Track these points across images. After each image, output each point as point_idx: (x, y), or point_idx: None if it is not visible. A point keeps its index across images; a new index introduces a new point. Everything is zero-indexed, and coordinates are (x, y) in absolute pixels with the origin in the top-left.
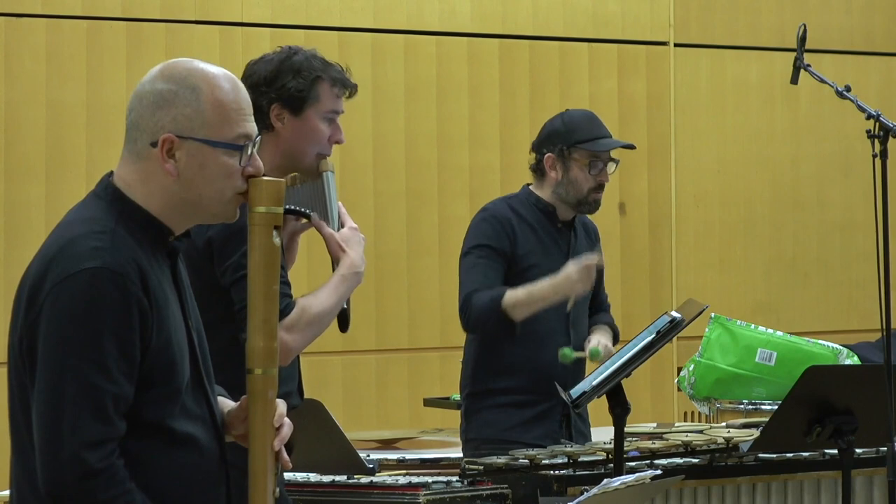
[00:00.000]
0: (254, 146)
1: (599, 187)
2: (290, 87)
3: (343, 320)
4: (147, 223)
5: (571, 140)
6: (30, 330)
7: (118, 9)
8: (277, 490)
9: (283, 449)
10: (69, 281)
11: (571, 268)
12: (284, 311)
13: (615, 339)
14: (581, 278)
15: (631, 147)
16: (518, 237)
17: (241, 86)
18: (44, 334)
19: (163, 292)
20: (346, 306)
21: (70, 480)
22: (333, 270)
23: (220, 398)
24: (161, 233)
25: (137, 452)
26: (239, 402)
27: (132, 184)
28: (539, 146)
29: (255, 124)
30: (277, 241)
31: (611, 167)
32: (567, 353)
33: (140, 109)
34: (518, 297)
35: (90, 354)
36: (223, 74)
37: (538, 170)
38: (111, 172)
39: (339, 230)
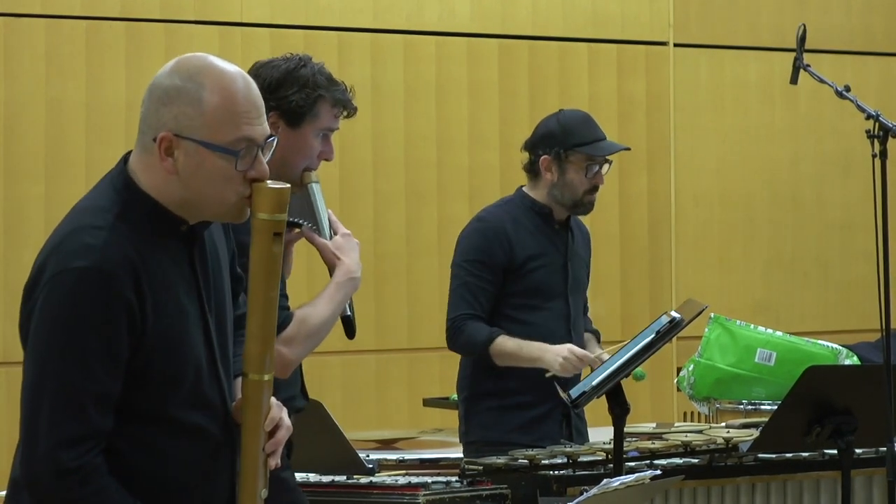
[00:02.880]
0: (259, 149)
1: (594, 189)
2: (292, 99)
3: (349, 328)
4: (155, 212)
5: (568, 143)
6: (27, 318)
7: (117, 9)
8: (265, 491)
9: (276, 452)
10: (59, 278)
11: (568, 352)
12: (283, 324)
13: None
14: (571, 367)
15: (627, 150)
16: (515, 245)
17: (254, 88)
18: (33, 329)
19: (167, 283)
20: (350, 313)
21: (45, 477)
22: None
23: (240, 379)
24: (170, 222)
25: (139, 439)
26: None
27: (141, 173)
28: (534, 147)
29: (265, 127)
30: (278, 248)
31: (605, 168)
32: (639, 373)
33: (149, 103)
34: (507, 349)
35: (71, 353)
36: (236, 74)
37: (532, 170)
38: (129, 154)
39: (332, 238)
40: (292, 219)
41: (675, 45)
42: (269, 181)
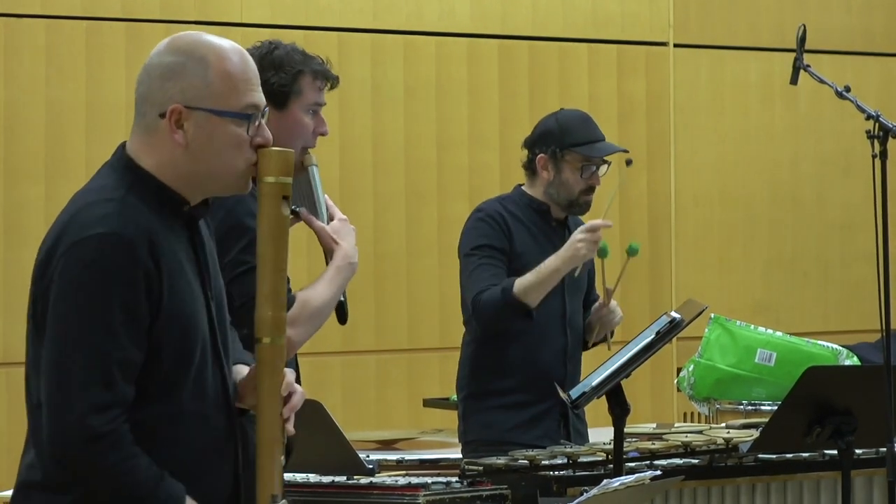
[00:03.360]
0: (262, 116)
1: (590, 189)
2: (272, 82)
3: (341, 313)
4: (159, 192)
5: (565, 142)
6: (43, 295)
7: (118, 9)
8: (284, 459)
9: (292, 417)
10: (77, 246)
11: (577, 234)
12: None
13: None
14: (586, 242)
15: (624, 151)
16: (514, 235)
17: (249, 57)
18: (54, 299)
19: (177, 261)
20: (342, 299)
21: (76, 443)
22: (327, 263)
23: (238, 366)
24: (174, 201)
25: (144, 421)
26: (248, 372)
27: (143, 155)
28: (532, 145)
29: (262, 95)
30: (286, 210)
31: (603, 169)
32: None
33: (148, 82)
34: (528, 282)
35: (98, 319)
36: (231, 46)
37: (530, 168)
38: (125, 143)
39: (328, 223)
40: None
41: (675, 45)
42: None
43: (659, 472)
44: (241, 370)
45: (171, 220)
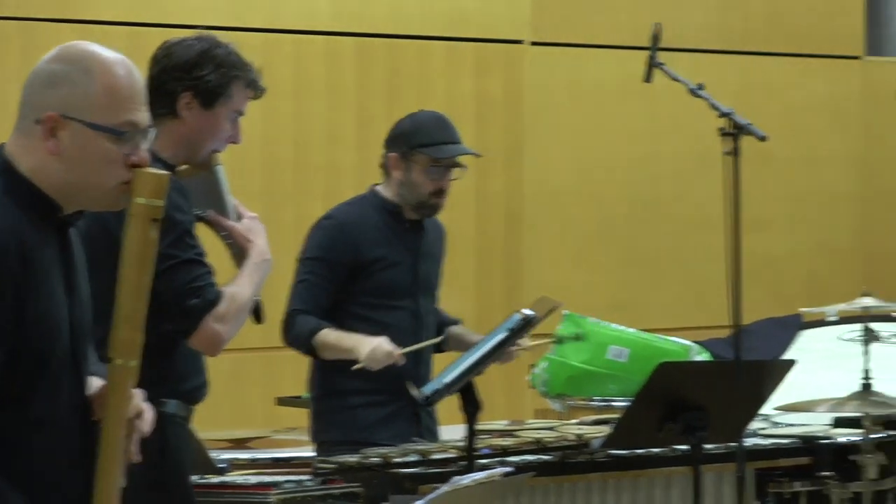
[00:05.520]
0: (144, 137)
1: (440, 192)
2: (208, 79)
3: (257, 313)
4: (32, 196)
5: (414, 143)
6: None
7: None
8: (123, 482)
9: (137, 442)
10: None
11: (384, 346)
12: (214, 300)
13: None
14: (382, 360)
15: (476, 155)
16: (361, 242)
17: (137, 74)
18: None
19: (45, 266)
20: (258, 298)
21: None
22: (236, 263)
23: (94, 378)
24: (47, 207)
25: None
26: (100, 387)
27: (20, 157)
28: (387, 144)
29: (147, 114)
30: (154, 234)
31: (456, 173)
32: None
33: (31, 87)
34: (330, 341)
35: None
36: (119, 60)
37: (385, 168)
38: (3, 144)
39: (238, 221)
40: (197, 212)
41: (533, 43)
42: (149, 168)
43: (511, 469)
44: (96, 382)
45: (43, 225)
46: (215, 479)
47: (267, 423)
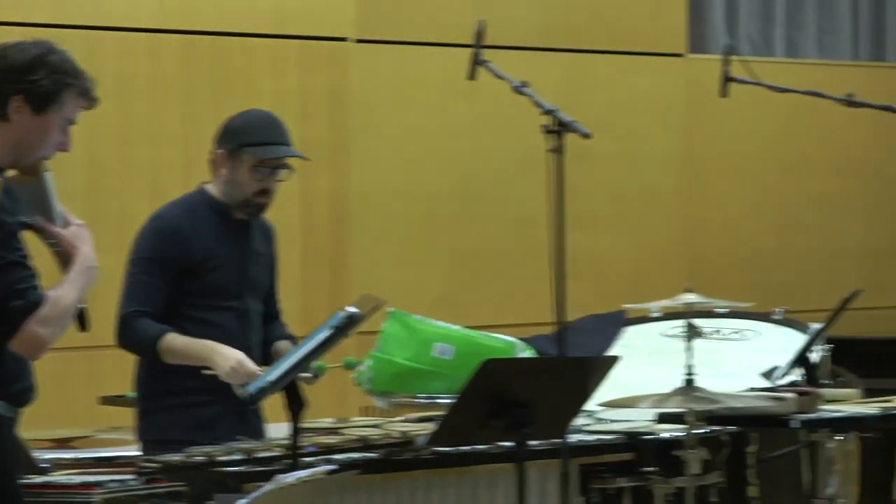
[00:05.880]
0: None
1: (264, 192)
2: (41, 84)
3: (82, 320)
4: None
5: (241, 141)
6: None
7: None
8: None
9: None
10: None
11: (236, 359)
12: (37, 303)
13: None
14: (236, 378)
15: (303, 157)
16: (192, 242)
17: None
18: None
19: None
20: (84, 305)
21: None
22: (61, 269)
23: None
24: None
25: None
26: None
27: None
28: (216, 140)
29: None
30: None
31: (283, 174)
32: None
33: None
34: (176, 347)
35: None
36: None
37: (212, 164)
38: None
39: (64, 228)
40: (24, 219)
41: (358, 40)
42: None
43: (335, 467)
44: None
45: None
46: (38, 479)
47: (90, 423)
